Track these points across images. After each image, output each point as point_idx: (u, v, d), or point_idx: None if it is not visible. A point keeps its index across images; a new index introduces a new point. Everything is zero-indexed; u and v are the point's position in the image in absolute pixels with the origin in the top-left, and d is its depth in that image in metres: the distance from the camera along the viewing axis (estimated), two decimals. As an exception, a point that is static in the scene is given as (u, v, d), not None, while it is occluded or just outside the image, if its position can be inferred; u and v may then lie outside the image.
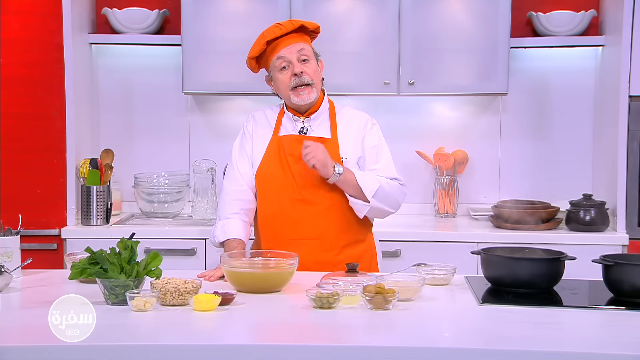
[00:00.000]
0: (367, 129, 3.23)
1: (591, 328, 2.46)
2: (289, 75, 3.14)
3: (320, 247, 3.10)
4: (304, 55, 3.14)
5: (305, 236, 3.10)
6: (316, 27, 3.25)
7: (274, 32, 3.15)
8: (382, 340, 2.31)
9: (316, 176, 3.11)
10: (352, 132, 3.21)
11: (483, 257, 2.83)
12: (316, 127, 3.21)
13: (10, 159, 4.09)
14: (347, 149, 3.18)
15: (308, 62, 3.15)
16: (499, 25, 4.19)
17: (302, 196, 3.12)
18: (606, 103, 4.28)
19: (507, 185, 4.58)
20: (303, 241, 3.08)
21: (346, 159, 3.16)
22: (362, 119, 3.26)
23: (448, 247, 3.98)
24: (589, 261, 2.74)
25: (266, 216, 3.17)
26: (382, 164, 3.21)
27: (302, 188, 3.12)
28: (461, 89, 4.31)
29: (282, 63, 3.14)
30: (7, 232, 2.91)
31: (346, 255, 3.12)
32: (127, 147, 4.56)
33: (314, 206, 3.12)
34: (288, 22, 3.18)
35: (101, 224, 4.13)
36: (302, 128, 3.20)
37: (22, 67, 4.07)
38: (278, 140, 3.19)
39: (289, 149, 3.16)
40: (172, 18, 4.48)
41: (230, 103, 4.56)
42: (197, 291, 2.53)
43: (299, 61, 3.14)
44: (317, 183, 3.12)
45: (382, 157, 3.22)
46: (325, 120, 3.22)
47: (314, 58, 3.19)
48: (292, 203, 3.12)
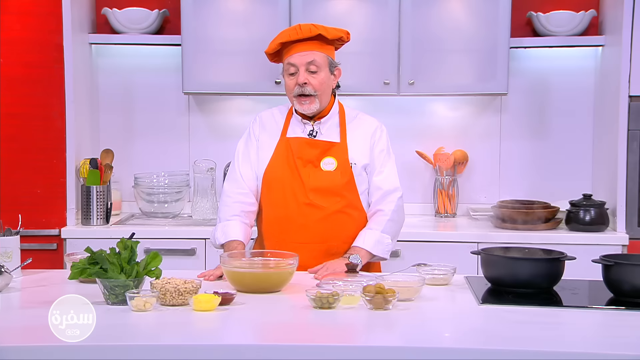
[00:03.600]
0: (377, 137, 3.21)
1: (591, 328, 2.46)
2: (295, 82, 3.12)
3: (326, 251, 3.07)
4: (313, 67, 3.10)
5: (311, 240, 3.08)
6: (339, 36, 3.18)
7: (290, 36, 3.12)
8: (382, 340, 2.31)
9: (324, 180, 3.10)
10: (362, 138, 3.19)
11: (483, 257, 2.83)
12: (325, 131, 3.18)
13: (10, 159, 4.09)
14: (355, 154, 3.16)
15: (316, 74, 3.11)
16: (499, 25, 4.19)
17: (309, 200, 3.10)
18: (606, 103, 4.28)
19: (507, 185, 4.58)
20: (309, 245, 3.06)
21: (355, 164, 3.14)
22: (372, 125, 3.23)
23: (448, 247, 3.98)
24: (589, 261, 2.74)
25: (272, 219, 3.15)
26: (385, 174, 3.19)
27: (310, 192, 3.10)
28: (461, 89, 4.31)
29: (290, 68, 3.13)
30: (7, 232, 2.91)
31: None
32: (127, 147, 4.56)
33: (321, 210, 3.10)
34: (307, 28, 3.12)
35: (101, 224, 4.13)
36: (311, 131, 3.18)
37: (22, 67, 4.07)
38: (286, 142, 3.17)
39: (297, 151, 3.14)
40: (172, 18, 4.48)
41: (230, 103, 4.56)
42: (197, 291, 2.53)
43: (307, 71, 3.11)
44: (325, 187, 3.11)
45: (386, 167, 3.20)
46: (334, 125, 3.20)
47: (326, 69, 3.13)
48: (299, 207, 3.10)
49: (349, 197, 3.12)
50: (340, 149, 3.14)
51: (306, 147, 3.14)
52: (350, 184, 3.13)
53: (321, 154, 3.13)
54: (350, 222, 3.14)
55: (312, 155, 3.13)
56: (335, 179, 3.11)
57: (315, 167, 3.12)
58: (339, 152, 3.13)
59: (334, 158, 3.13)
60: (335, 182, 3.11)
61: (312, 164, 3.12)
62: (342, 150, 3.14)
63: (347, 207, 3.13)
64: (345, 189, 3.12)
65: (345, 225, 3.12)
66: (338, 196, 3.11)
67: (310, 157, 3.13)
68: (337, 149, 3.13)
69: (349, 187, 3.13)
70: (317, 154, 3.13)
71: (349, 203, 3.13)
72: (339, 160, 3.11)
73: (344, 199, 3.12)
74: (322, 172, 3.12)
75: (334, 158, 3.13)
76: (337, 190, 3.11)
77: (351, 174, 3.13)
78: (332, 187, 3.10)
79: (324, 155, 3.13)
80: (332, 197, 3.11)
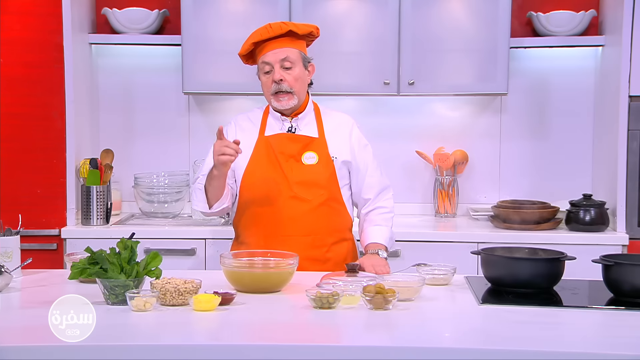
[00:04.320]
0: (355, 134, 3.29)
1: (591, 328, 2.46)
2: (271, 80, 3.17)
3: (311, 244, 3.13)
4: (287, 63, 3.16)
5: (296, 233, 3.13)
6: (309, 31, 3.24)
7: (261, 35, 3.17)
8: (382, 340, 2.31)
9: (307, 174, 3.17)
10: (338, 133, 3.27)
11: (483, 257, 2.83)
12: (304, 127, 3.25)
13: (10, 159, 4.08)
14: (335, 149, 3.23)
15: (291, 69, 3.17)
16: (499, 26, 4.19)
17: (294, 193, 3.15)
18: (606, 103, 4.28)
19: (507, 185, 4.58)
20: (295, 238, 3.11)
21: (336, 157, 3.22)
22: (346, 121, 3.32)
23: (448, 247, 3.98)
24: (589, 261, 2.75)
25: (257, 215, 3.18)
26: (377, 176, 3.29)
27: (295, 185, 3.15)
28: (461, 89, 4.31)
29: (265, 67, 3.18)
30: (7, 232, 2.91)
31: (334, 253, 3.20)
32: (127, 147, 4.56)
33: (306, 203, 3.15)
34: (278, 25, 3.19)
35: (101, 224, 4.13)
36: (290, 127, 3.23)
37: (22, 67, 4.07)
38: (265, 140, 3.22)
39: (278, 147, 3.19)
40: (172, 18, 4.48)
41: (230, 103, 4.56)
42: (197, 291, 2.53)
43: (282, 68, 3.16)
44: (309, 180, 3.16)
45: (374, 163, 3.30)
46: (311, 120, 3.27)
47: (300, 64, 3.19)
48: (285, 200, 3.15)
49: (331, 190, 3.20)
50: (320, 143, 3.21)
51: (287, 143, 3.19)
52: (332, 177, 3.20)
53: (302, 149, 3.20)
54: (334, 215, 3.21)
55: (294, 150, 3.19)
56: (318, 172, 3.18)
57: (297, 162, 3.19)
58: (319, 147, 3.20)
59: (314, 152, 3.20)
60: (319, 175, 3.18)
61: (293, 158, 3.18)
62: (322, 145, 3.21)
63: (330, 200, 3.19)
64: (328, 182, 3.19)
65: (329, 217, 3.19)
66: (322, 189, 3.18)
67: (292, 152, 3.19)
68: (316, 143, 3.21)
69: (331, 180, 3.20)
70: (298, 149, 3.19)
71: (332, 196, 3.20)
72: (320, 154, 3.19)
73: (327, 191, 3.19)
74: (305, 166, 3.18)
75: (315, 152, 3.20)
76: (320, 183, 3.17)
77: (333, 168, 3.20)
78: (316, 180, 3.17)
79: (305, 149, 3.20)
80: (316, 190, 3.17)
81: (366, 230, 3.27)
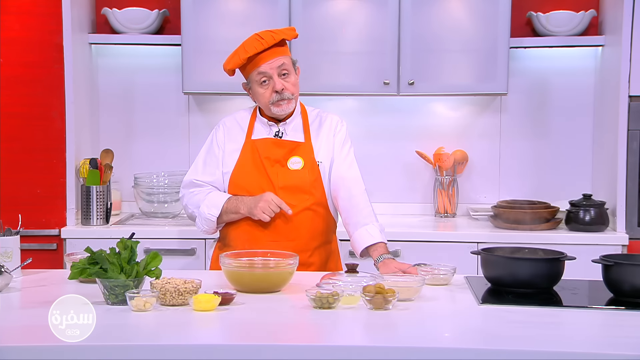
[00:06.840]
0: (337, 129, 3.26)
1: (591, 328, 2.46)
2: (270, 91, 3.15)
3: (295, 248, 3.05)
4: (284, 70, 3.14)
5: (280, 238, 3.13)
6: (295, 35, 3.23)
7: (255, 47, 3.12)
8: (382, 340, 2.31)
9: (292, 179, 3.17)
10: (325, 136, 3.25)
11: (483, 257, 2.83)
12: (290, 132, 3.24)
13: (10, 159, 4.09)
14: (321, 153, 3.22)
15: (288, 76, 3.16)
16: (499, 25, 4.19)
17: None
18: (606, 103, 4.28)
19: (507, 185, 4.58)
20: (279, 243, 3.10)
21: (321, 162, 3.21)
22: (333, 122, 3.28)
23: (448, 247, 3.98)
24: (589, 261, 2.75)
25: (243, 219, 3.17)
26: (353, 177, 3.21)
27: (280, 190, 3.15)
28: (461, 89, 4.31)
29: (262, 78, 3.15)
30: (7, 232, 2.91)
31: (317, 257, 3.19)
32: (127, 147, 4.56)
33: (291, 208, 3.12)
34: (269, 36, 3.14)
35: (101, 224, 4.13)
36: (277, 132, 3.23)
37: (22, 67, 4.07)
38: (252, 144, 3.22)
39: (264, 152, 3.19)
40: (172, 18, 4.48)
41: (230, 103, 4.56)
42: (197, 291, 2.53)
43: (280, 76, 3.14)
44: (294, 185, 3.16)
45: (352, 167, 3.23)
46: (298, 125, 3.25)
47: (292, 69, 3.19)
48: None
49: (316, 194, 3.19)
50: (305, 148, 3.20)
51: (273, 147, 3.19)
52: (318, 182, 3.20)
53: (288, 154, 3.19)
54: (318, 219, 3.20)
55: (279, 155, 3.19)
56: (303, 177, 3.17)
57: (283, 167, 3.18)
58: (304, 152, 3.19)
59: (300, 157, 3.19)
60: (304, 180, 3.17)
61: (279, 163, 3.18)
62: (307, 150, 3.20)
63: (315, 204, 3.19)
64: (313, 187, 3.19)
65: (314, 222, 3.18)
66: (306, 194, 3.17)
67: (277, 157, 3.18)
68: (302, 148, 3.20)
69: (316, 185, 3.19)
70: (284, 154, 3.19)
71: (317, 201, 3.19)
72: (305, 159, 3.18)
73: (312, 196, 3.18)
74: (290, 171, 3.18)
75: (300, 157, 3.19)
76: (305, 188, 3.17)
77: (318, 172, 3.20)
78: (301, 185, 3.16)
79: (291, 154, 3.19)
80: (300, 195, 3.16)
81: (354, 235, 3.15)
